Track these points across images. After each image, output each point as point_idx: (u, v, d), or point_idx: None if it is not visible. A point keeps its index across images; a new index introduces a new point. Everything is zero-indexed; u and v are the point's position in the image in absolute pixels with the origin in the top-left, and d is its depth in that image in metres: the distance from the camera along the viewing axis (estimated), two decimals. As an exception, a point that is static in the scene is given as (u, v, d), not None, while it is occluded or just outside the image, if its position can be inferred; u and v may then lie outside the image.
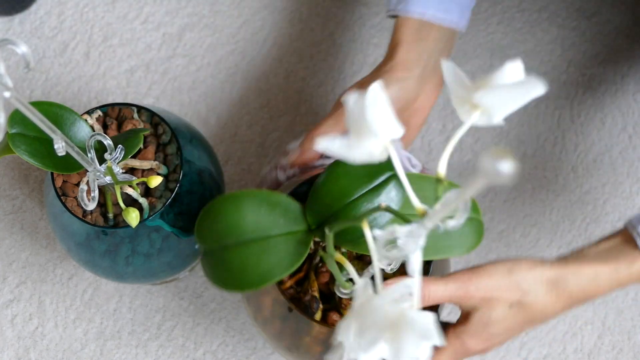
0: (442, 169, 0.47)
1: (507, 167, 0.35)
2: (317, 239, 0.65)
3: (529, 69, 0.96)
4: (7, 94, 0.46)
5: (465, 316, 0.64)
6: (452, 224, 0.45)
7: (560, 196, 0.90)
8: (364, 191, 0.61)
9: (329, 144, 0.43)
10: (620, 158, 0.91)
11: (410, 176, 0.62)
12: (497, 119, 0.46)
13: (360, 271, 0.67)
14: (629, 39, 0.95)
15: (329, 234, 0.55)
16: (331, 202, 0.61)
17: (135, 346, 0.86)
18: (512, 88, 0.45)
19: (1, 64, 0.45)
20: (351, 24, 0.96)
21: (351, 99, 0.44)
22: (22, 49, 0.45)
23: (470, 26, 0.95)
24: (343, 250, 0.67)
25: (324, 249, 0.68)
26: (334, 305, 0.68)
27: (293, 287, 0.68)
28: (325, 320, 0.67)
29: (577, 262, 0.63)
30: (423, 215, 0.45)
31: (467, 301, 0.62)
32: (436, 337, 0.42)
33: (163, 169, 0.70)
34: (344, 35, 0.95)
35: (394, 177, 0.61)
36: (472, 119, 0.46)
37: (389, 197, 0.61)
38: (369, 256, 0.50)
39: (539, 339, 0.86)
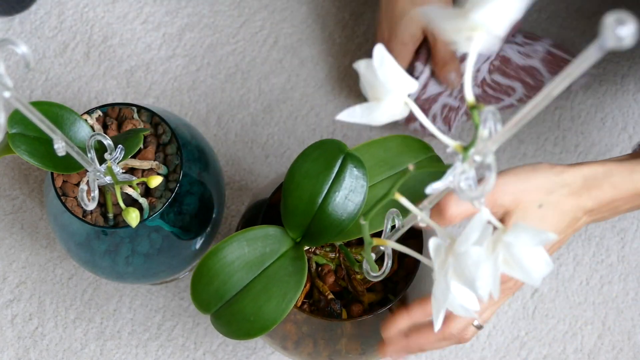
0: (469, 96, 0.47)
1: (626, 30, 0.34)
2: (306, 248, 0.65)
3: (529, 69, 0.95)
4: (7, 94, 0.46)
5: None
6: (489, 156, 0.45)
7: (561, 196, 0.90)
8: (329, 182, 0.61)
9: (351, 114, 0.45)
10: (620, 158, 0.91)
11: (372, 143, 0.65)
12: (499, 30, 0.43)
13: (360, 255, 0.68)
14: (629, 39, 0.95)
15: (365, 223, 0.54)
16: (305, 207, 0.61)
17: (135, 346, 0.86)
18: None
19: (1, 64, 0.44)
20: (351, 23, 0.96)
21: (362, 65, 0.45)
22: (22, 49, 0.45)
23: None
24: (339, 243, 0.66)
25: (315, 253, 0.69)
26: (350, 300, 0.68)
27: (306, 302, 0.68)
28: (350, 316, 0.67)
29: (592, 163, 0.63)
30: (461, 151, 0.46)
31: (498, 208, 0.61)
32: (550, 234, 0.43)
33: (163, 169, 0.70)
34: (344, 35, 0.95)
35: (348, 156, 0.62)
36: (477, 41, 0.44)
37: (352, 175, 0.61)
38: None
39: (538, 339, 0.86)
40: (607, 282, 0.88)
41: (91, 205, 0.65)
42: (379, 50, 0.45)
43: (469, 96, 0.46)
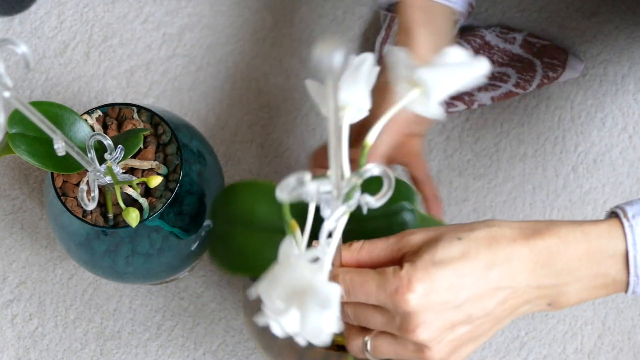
0: (370, 139, 0.47)
1: (338, 57, 0.33)
2: None
3: (529, 69, 0.95)
4: (7, 94, 0.46)
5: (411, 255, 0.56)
6: (371, 200, 0.45)
7: (561, 196, 0.90)
8: None
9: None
10: (620, 158, 0.91)
11: None
12: (435, 98, 0.45)
13: None
14: (629, 39, 0.95)
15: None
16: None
17: (135, 346, 0.86)
18: (454, 66, 0.45)
19: (1, 64, 0.44)
20: (351, 23, 0.96)
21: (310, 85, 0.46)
22: (22, 49, 0.45)
23: (469, 27, 0.95)
24: None
25: None
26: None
27: None
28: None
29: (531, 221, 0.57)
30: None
31: (409, 248, 0.55)
32: (335, 309, 0.42)
33: (163, 169, 0.70)
34: (344, 35, 0.95)
35: None
36: (409, 96, 0.46)
37: None
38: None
39: (538, 339, 0.86)
40: (607, 282, 0.88)
41: (91, 205, 0.65)
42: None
43: (371, 139, 0.48)
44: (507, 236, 0.54)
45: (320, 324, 0.43)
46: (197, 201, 0.73)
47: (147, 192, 0.70)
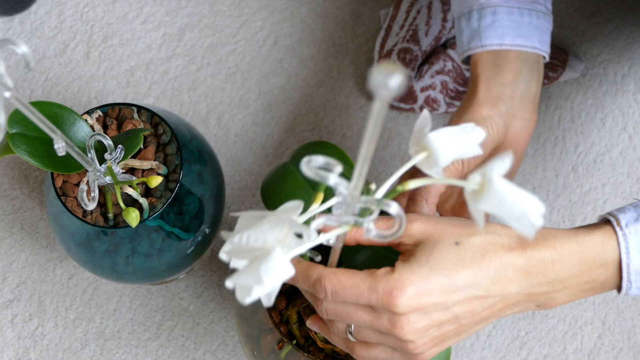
0: (380, 192, 0.49)
1: (395, 80, 0.36)
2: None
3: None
4: (7, 94, 0.46)
5: (405, 254, 0.56)
6: (377, 231, 0.48)
7: (561, 196, 0.90)
8: None
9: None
10: (620, 158, 0.91)
11: None
12: (441, 164, 0.49)
13: None
14: (629, 39, 0.95)
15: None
16: None
17: (135, 346, 0.85)
18: (456, 133, 0.49)
19: (1, 64, 0.44)
20: (351, 23, 0.96)
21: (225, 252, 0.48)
22: (22, 49, 0.45)
23: (470, 26, 0.95)
24: None
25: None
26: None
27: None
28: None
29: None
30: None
31: (407, 239, 0.56)
32: (265, 287, 0.44)
33: (163, 169, 0.70)
34: (344, 35, 0.95)
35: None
36: (417, 158, 0.50)
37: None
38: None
39: (538, 339, 0.86)
40: (607, 282, 0.88)
41: (91, 205, 0.65)
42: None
43: (380, 193, 0.50)
44: (505, 245, 0.55)
45: (250, 286, 0.45)
46: (197, 201, 0.73)
47: (147, 192, 0.70)
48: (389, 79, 0.35)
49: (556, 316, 0.87)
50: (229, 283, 0.45)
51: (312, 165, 0.43)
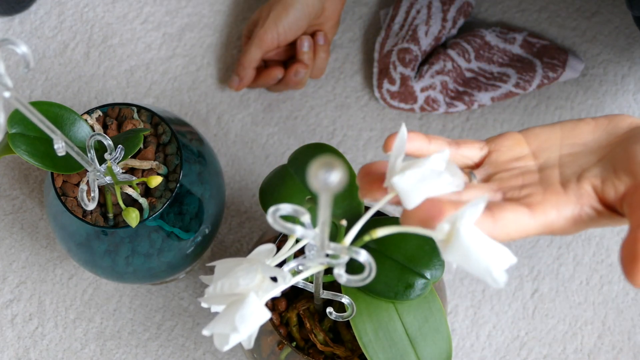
0: (347, 238, 0.47)
1: (335, 176, 0.35)
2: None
3: (529, 69, 0.95)
4: (7, 94, 0.46)
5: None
6: (346, 277, 0.47)
7: (560, 196, 0.90)
8: None
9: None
10: (620, 158, 0.91)
11: None
12: (411, 204, 0.45)
13: None
14: (629, 39, 0.95)
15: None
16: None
17: (135, 346, 0.86)
18: (425, 175, 0.45)
19: (1, 64, 0.44)
20: (351, 24, 0.96)
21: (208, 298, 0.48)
22: (22, 49, 0.45)
23: (469, 27, 0.95)
24: None
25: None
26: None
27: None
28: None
29: None
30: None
31: (615, 137, 0.52)
32: (241, 335, 0.44)
33: (163, 169, 0.70)
34: (344, 35, 0.95)
35: None
36: (384, 199, 0.47)
37: None
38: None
39: (538, 339, 0.86)
40: (607, 282, 0.88)
41: (91, 205, 0.65)
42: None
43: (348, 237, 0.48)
44: None
45: (227, 334, 0.45)
46: (197, 201, 0.73)
47: (147, 192, 0.70)
48: (329, 177, 0.34)
49: (556, 316, 0.87)
50: (205, 332, 0.46)
51: (277, 215, 0.41)
